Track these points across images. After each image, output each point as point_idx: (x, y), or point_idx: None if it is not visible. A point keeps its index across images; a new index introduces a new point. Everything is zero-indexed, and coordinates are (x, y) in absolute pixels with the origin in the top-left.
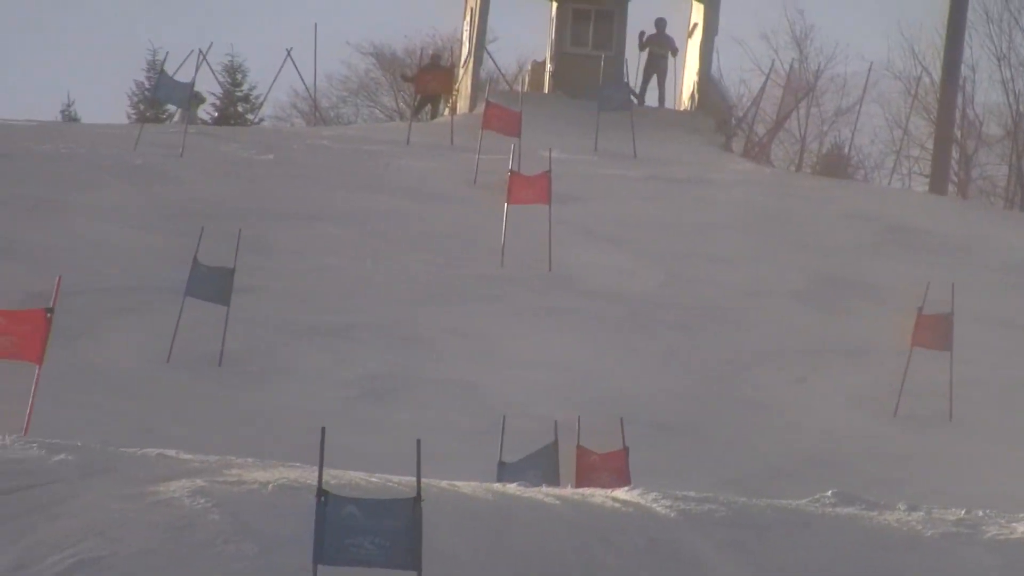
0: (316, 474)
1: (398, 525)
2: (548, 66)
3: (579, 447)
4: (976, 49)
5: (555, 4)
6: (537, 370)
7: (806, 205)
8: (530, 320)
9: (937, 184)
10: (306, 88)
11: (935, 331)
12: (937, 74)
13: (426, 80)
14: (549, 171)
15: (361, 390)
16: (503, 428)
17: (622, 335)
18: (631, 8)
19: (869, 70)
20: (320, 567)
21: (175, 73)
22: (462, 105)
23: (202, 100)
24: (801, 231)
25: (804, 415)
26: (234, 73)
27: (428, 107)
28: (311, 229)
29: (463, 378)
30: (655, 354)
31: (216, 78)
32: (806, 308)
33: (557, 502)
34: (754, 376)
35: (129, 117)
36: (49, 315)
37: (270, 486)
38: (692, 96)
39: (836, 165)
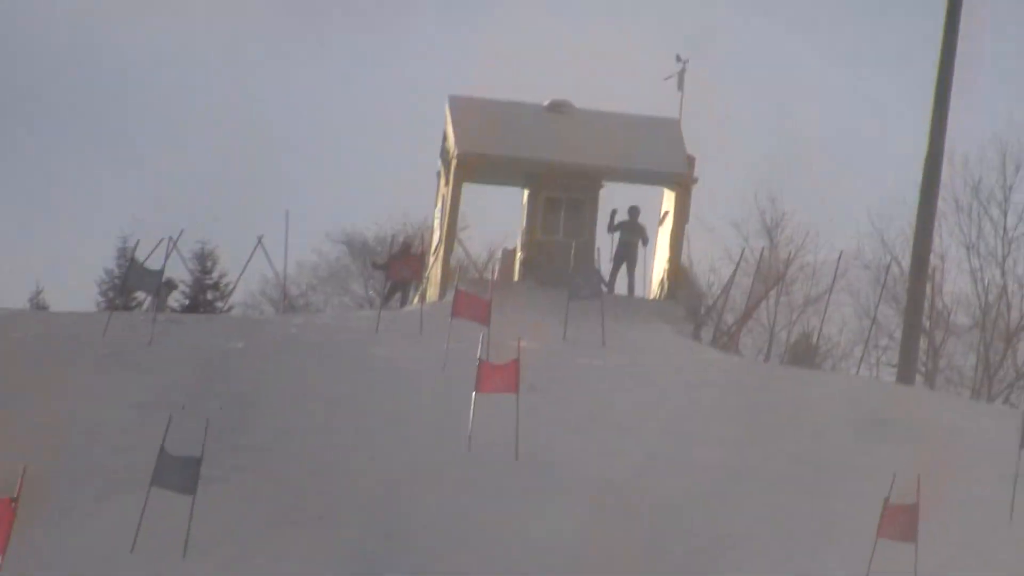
0: None
1: None
2: (519, 254)
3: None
4: (946, 238)
5: (526, 192)
6: (516, 555)
7: (776, 395)
8: (505, 504)
9: (905, 374)
10: (276, 275)
11: (901, 522)
12: (907, 263)
13: (397, 267)
14: (518, 359)
15: None
16: None
17: (601, 519)
18: (602, 196)
19: (839, 259)
20: None
21: (145, 260)
22: (432, 293)
23: (174, 287)
24: (772, 421)
25: None
26: (204, 260)
27: (398, 294)
28: (281, 419)
29: (441, 566)
30: (636, 539)
31: (186, 266)
32: (781, 495)
33: None
34: (734, 560)
35: (98, 305)
36: (14, 504)
37: None
38: (662, 284)
39: (805, 354)
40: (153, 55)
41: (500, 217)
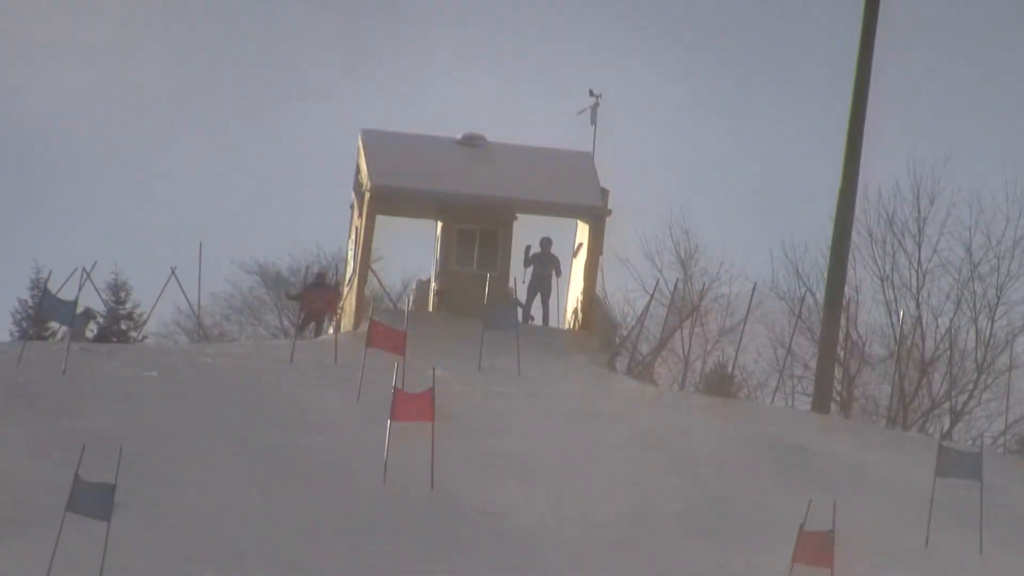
0: None
1: None
2: (433, 285)
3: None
4: (860, 270)
5: (440, 224)
6: None
7: (692, 424)
8: (417, 548)
9: (820, 403)
10: (190, 306)
11: (816, 548)
12: (821, 294)
13: (311, 298)
14: (432, 388)
15: None
16: None
17: (512, 564)
18: (516, 228)
19: (753, 290)
20: None
21: (59, 291)
22: (347, 323)
23: (93, 316)
24: (687, 451)
25: None
26: (118, 291)
27: (313, 325)
28: (198, 457)
29: None
30: None
31: (100, 296)
32: (693, 532)
33: None
34: None
35: (12, 335)
36: None
37: None
38: (576, 315)
39: (719, 384)
40: (65, 90)
41: (414, 249)
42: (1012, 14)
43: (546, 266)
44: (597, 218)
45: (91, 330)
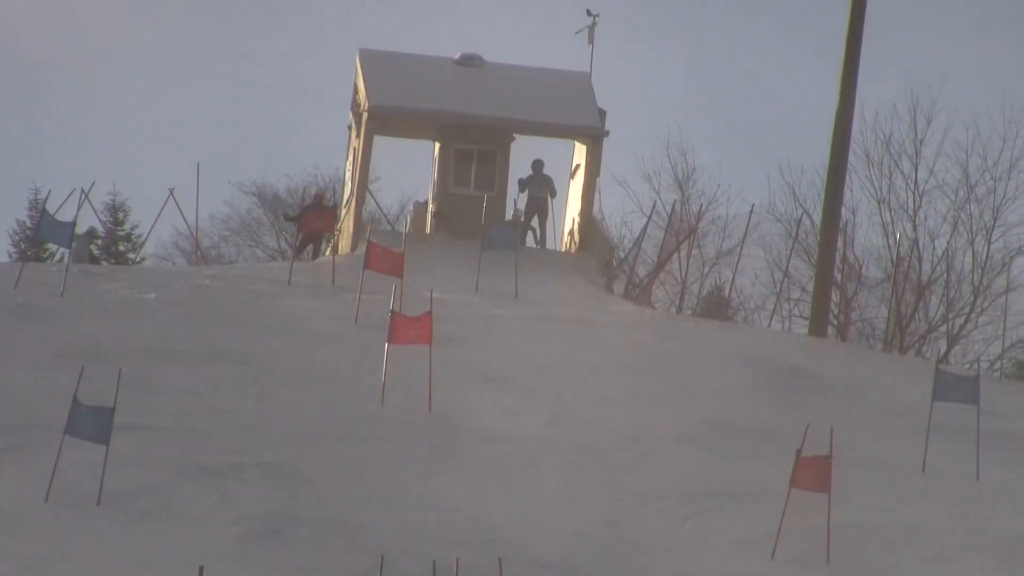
0: None
1: None
2: (431, 206)
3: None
4: (857, 192)
5: (437, 144)
6: (419, 510)
7: (688, 347)
8: (412, 460)
9: (817, 326)
10: (188, 227)
11: (814, 473)
12: (818, 216)
13: (309, 220)
14: (431, 311)
15: (244, 530)
16: (381, 569)
17: (506, 475)
18: (514, 148)
19: (751, 212)
20: None
21: (57, 212)
22: (344, 245)
23: (97, 236)
24: (684, 373)
25: (686, 558)
26: (116, 212)
27: (310, 247)
28: (195, 369)
29: (345, 519)
30: (539, 496)
31: (98, 217)
32: (690, 451)
33: None
34: (639, 519)
35: (10, 256)
36: None
37: None
38: (573, 236)
39: (716, 307)
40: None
41: (411, 169)
42: None
43: (540, 188)
44: (594, 139)
45: (96, 245)
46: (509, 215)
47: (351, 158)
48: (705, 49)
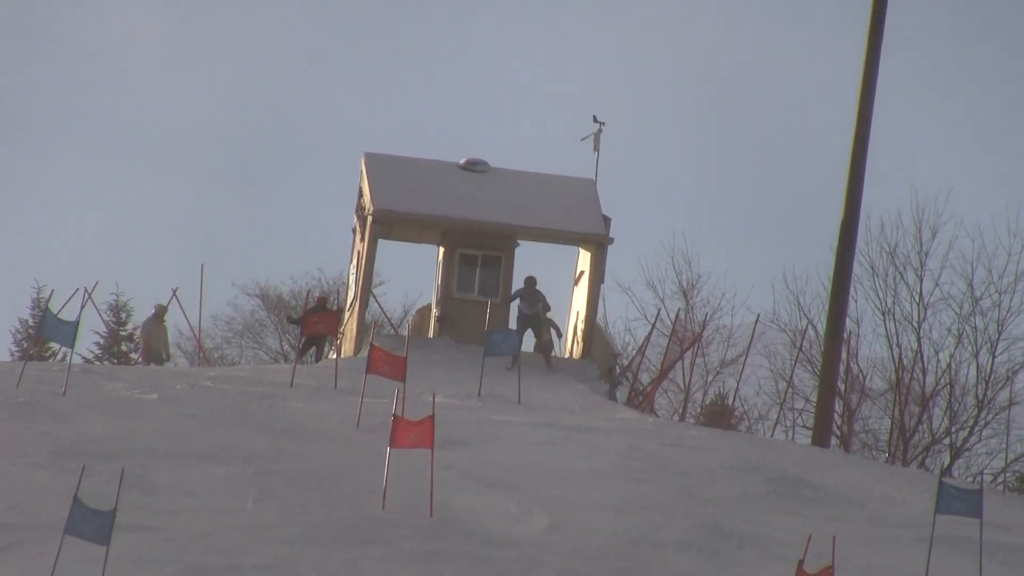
0: None
1: None
2: (434, 311)
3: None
4: (861, 302)
5: (441, 249)
6: None
7: (690, 455)
8: (411, 563)
9: (820, 437)
10: (191, 328)
11: None
12: (822, 327)
13: (312, 322)
14: (432, 416)
15: None
16: None
17: None
18: (519, 253)
19: (755, 321)
20: None
21: (60, 311)
22: (347, 348)
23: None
24: (685, 480)
25: None
26: (119, 312)
27: (313, 349)
28: (195, 469)
29: None
30: None
31: (101, 316)
32: (690, 558)
33: None
34: None
35: (12, 354)
36: None
37: None
38: (575, 343)
39: (719, 415)
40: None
41: (415, 274)
42: (1018, 45)
43: (531, 306)
44: (599, 246)
45: (86, 348)
46: (513, 323)
47: (355, 261)
48: (711, 158)
